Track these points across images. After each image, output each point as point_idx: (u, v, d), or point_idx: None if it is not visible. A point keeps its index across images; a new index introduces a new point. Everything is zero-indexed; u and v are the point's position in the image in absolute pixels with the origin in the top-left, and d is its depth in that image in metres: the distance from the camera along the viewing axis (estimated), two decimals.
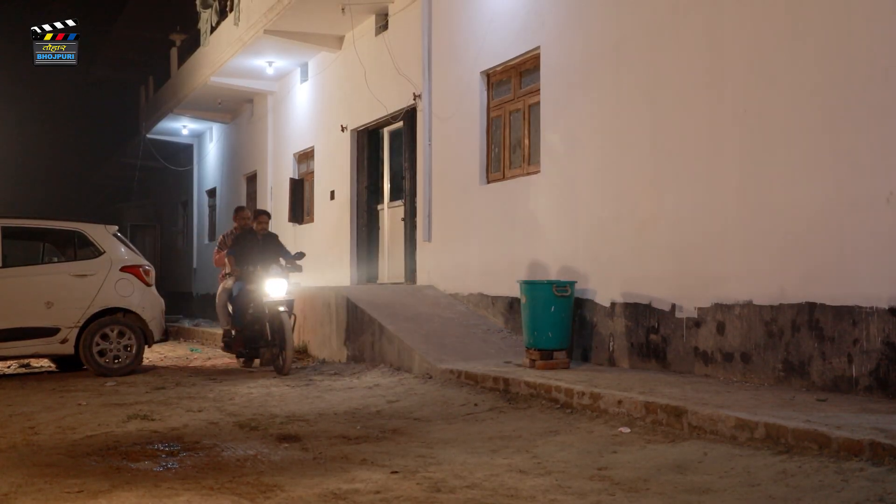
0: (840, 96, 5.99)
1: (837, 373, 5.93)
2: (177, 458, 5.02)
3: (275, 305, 9.33)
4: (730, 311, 6.79)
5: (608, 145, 8.14)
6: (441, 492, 4.11)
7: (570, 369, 7.59)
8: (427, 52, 11.13)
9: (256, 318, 9.69)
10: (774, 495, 3.86)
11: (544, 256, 8.97)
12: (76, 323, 9.57)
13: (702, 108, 7.14)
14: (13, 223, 9.94)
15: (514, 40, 9.59)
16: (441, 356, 8.29)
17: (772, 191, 6.47)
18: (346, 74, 13.55)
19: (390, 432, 5.72)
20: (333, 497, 4.05)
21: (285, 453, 5.09)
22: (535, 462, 4.72)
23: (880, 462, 4.08)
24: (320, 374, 9.03)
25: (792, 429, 4.56)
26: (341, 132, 13.70)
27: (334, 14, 12.52)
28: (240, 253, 10.09)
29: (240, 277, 9.98)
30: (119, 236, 10.26)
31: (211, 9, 17.10)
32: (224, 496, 4.10)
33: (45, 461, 4.93)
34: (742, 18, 6.79)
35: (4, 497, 4.11)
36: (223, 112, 19.40)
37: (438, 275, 10.87)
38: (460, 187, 10.53)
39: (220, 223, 20.45)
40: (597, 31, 8.35)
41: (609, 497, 3.97)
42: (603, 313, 8.15)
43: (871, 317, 5.70)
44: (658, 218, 7.56)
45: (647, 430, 5.35)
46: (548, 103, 9.02)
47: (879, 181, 5.68)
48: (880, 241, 5.69)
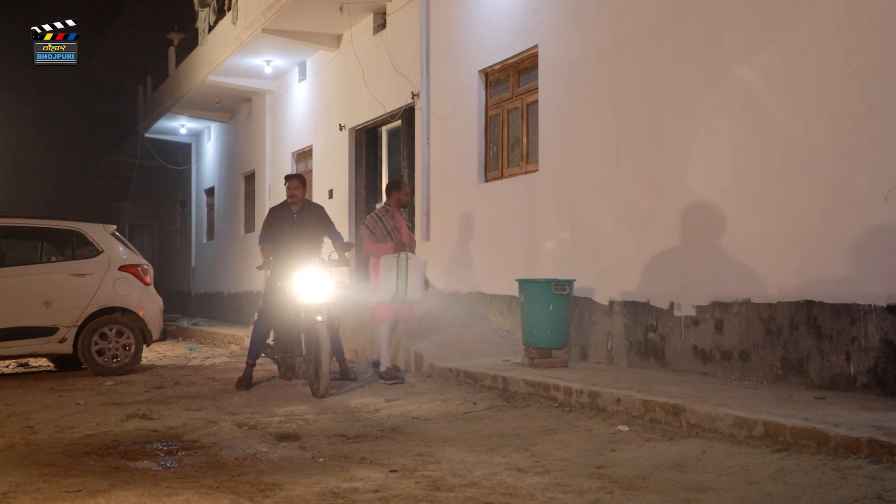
0: (839, 94, 5.99)
1: (836, 371, 5.93)
2: (175, 457, 5.02)
3: (312, 313, 7.43)
4: (728, 310, 6.79)
5: (606, 143, 8.15)
6: (440, 490, 4.11)
7: (569, 368, 7.59)
8: (425, 50, 11.13)
9: (292, 324, 7.80)
10: (773, 493, 3.87)
11: (542, 255, 8.97)
12: (75, 322, 9.56)
13: (700, 105, 7.14)
14: (11, 223, 9.94)
15: (512, 39, 9.59)
16: (439, 355, 8.29)
17: (770, 189, 6.47)
18: (345, 73, 13.54)
19: (389, 431, 5.72)
20: (332, 496, 4.05)
21: (284, 452, 5.09)
22: (534, 460, 4.73)
23: (878, 460, 4.08)
24: None
25: (790, 427, 4.57)
26: (339, 131, 13.69)
27: (332, 13, 12.52)
28: (273, 237, 8.04)
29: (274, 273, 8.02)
30: (117, 235, 10.24)
31: (209, 8, 17.08)
32: (223, 495, 4.10)
33: (43, 460, 4.92)
34: (740, 15, 6.79)
35: (3, 496, 4.11)
36: (221, 111, 19.40)
37: (437, 273, 10.87)
38: (459, 186, 10.53)
39: (218, 222, 20.46)
40: (595, 29, 8.35)
41: (608, 495, 3.97)
42: (601, 312, 8.15)
43: (869, 315, 5.71)
44: (656, 216, 7.56)
45: (645, 429, 5.36)
46: (546, 102, 9.03)
47: (878, 179, 5.69)
48: (878, 239, 5.70)
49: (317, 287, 7.47)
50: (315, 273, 7.50)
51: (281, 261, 7.84)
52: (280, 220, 8.04)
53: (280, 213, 8.09)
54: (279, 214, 8.09)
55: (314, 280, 7.48)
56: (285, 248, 7.86)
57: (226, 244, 19.72)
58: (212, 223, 21.22)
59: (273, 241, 7.99)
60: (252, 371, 8.16)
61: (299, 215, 8.04)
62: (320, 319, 7.33)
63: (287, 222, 8.00)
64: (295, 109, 15.83)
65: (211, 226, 21.32)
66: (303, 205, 8.11)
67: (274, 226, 8.03)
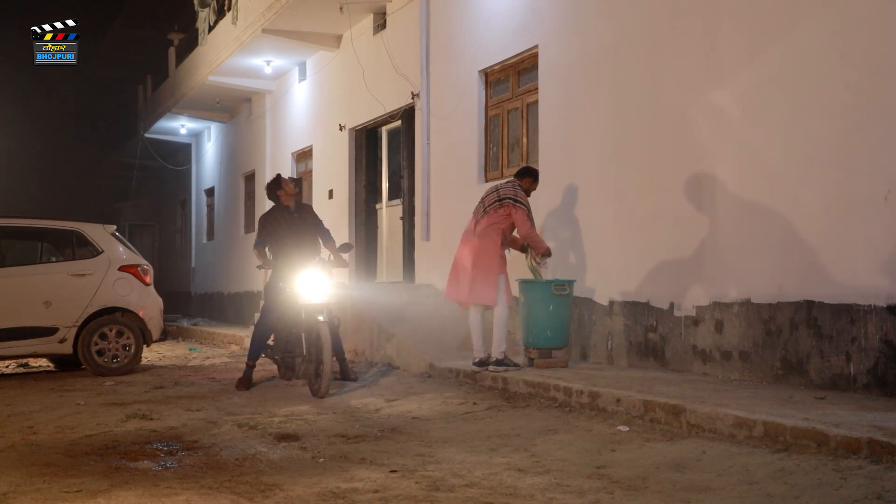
0: (838, 94, 5.99)
1: (836, 371, 5.93)
2: (175, 457, 5.02)
3: (312, 313, 7.45)
4: (728, 310, 6.79)
5: (606, 143, 8.14)
6: (440, 490, 4.11)
7: (569, 368, 7.59)
8: (425, 50, 11.13)
9: (293, 324, 7.82)
10: (773, 493, 3.86)
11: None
12: (74, 322, 9.56)
13: (700, 106, 7.13)
14: (11, 223, 9.94)
15: (512, 39, 9.59)
16: (440, 355, 8.30)
17: (770, 189, 6.47)
18: (345, 73, 13.54)
19: (389, 431, 5.72)
20: (332, 496, 4.05)
21: (284, 452, 5.09)
22: (534, 461, 4.73)
23: (878, 460, 4.08)
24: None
25: (790, 427, 4.56)
26: (339, 131, 13.69)
27: (332, 13, 12.52)
28: (272, 239, 8.00)
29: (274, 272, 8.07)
30: (117, 236, 10.25)
31: (209, 8, 17.09)
32: (223, 495, 4.10)
33: (43, 461, 4.92)
34: (740, 15, 6.79)
35: (3, 497, 4.11)
36: (221, 111, 19.41)
37: (437, 274, 10.85)
38: (459, 186, 10.53)
39: (218, 222, 20.46)
40: (595, 29, 8.35)
41: (608, 495, 3.97)
42: (601, 312, 8.15)
43: (869, 315, 5.71)
44: (656, 216, 7.56)
45: (645, 429, 5.36)
46: (546, 102, 9.02)
47: (878, 179, 5.68)
48: (878, 238, 5.69)
49: (317, 287, 7.47)
50: (316, 273, 7.50)
51: (281, 261, 7.82)
52: (279, 222, 7.97)
53: (279, 216, 8.03)
54: (278, 216, 8.02)
55: (315, 280, 7.48)
56: (285, 248, 7.83)
57: (226, 244, 19.72)
58: (212, 223, 21.23)
59: (273, 243, 7.95)
60: (252, 372, 8.14)
61: (299, 215, 8.05)
62: (321, 319, 7.34)
63: (286, 223, 7.95)
64: (295, 109, 15.83)
65: (211, 226, 21.33)
66: (297, 205, 8.14)
67: (273, 229, 7.96)
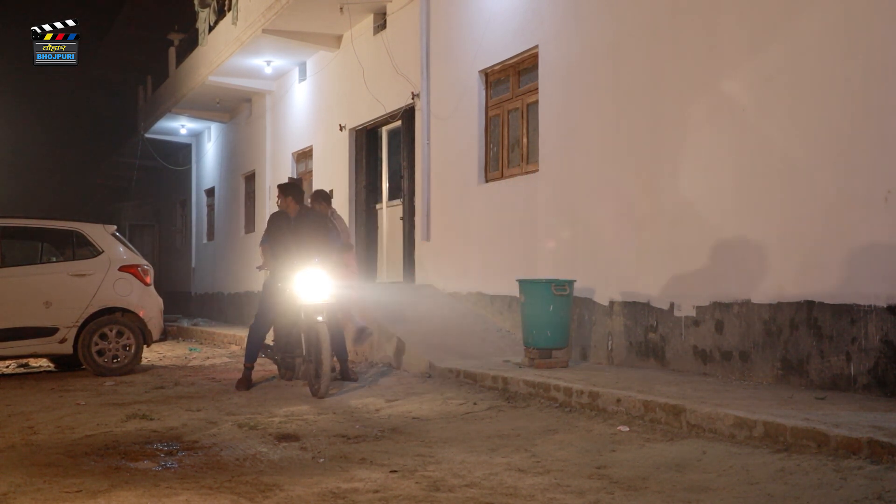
0: (838, 95, 6.00)
1: (836, 371, 5.93)
2: (176, 457, 5.02)
3: (312, 314, 7.46)
4: (728, 310, 6.79)
5: (606, 144, 8.14)
6: (440, 491, 4.11)
7: (569, 368, 7.59)
8: (425, 51, 11.13)
9: (293, 325, 7.86)
10: (773, 493, 3.86)
11: (543, 255, 8.97)
12: (75, 322, 9.56)
13: (700, 106, 7.14)
14: (11, 223, 9.93)
15: (512, 39, 9.59)
16: (440, 355, 8.29)
17: (770, 189, 6.47)
18: (345, 74, 13.54)
19: (389, 431, 5.72)
20: (332, 496, 4.05)
21: (284, 452, 5.09)
22: (534, 461, 4.73)
23: (878, 460, 4.08)
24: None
25: (790, 427, 4.57)
26: (340, 131, 13.69)
27: (332, 13, 12.52)
28: (272, 239, 8.08)
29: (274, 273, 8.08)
30: (117, 236, 10.24)
31: (209, 8, 17.09)
32: (223, 495, 4.10)
33: (43, 461, 4.92)
34: (740, 16, 6.79)
35: (3, 497, 4.11)
36: (221, 111, 19.40)
37: (437, 274, 10.87)
38: (459, 186, 10.53)
39: (218, 222, 20.46)
40: (595, 29, 8.35)
41: (608, 496, 3.97)
42: (601, 312, 8.15)
43: (869, 315, 5.71)
44: (656, 216, 7.56)
45: (645, 429, 5.35)
46: (546, 102, 9.03)
47: (878, 180, 5.69)
48: (878, 239, 5.70)
49: (317, 287, 7.47)
50: (315, 273, 7.50)
51: (280, 261, 7.82)
52: (279, 223, 8.04)
53: (279, 217, 8.10)
54: (279, 217, 8.10)
55: (314, 280, 7.48)
56: (284, 249, 7.83)
57: (226, 244, 19.72)
58: (212, 223, 21.23)
59: (273, 243, 7.98)
60: (251, 372, 8.14)
61: (297, 219, 8.00)
62: (321, 319, 7.38)
63: (285, 225, 7.99)
64: (295, 110, 15.83)
65: (211, 226, 21.32)
66: (300, 211, 8.08)
67: (276, 228, 8.02)
